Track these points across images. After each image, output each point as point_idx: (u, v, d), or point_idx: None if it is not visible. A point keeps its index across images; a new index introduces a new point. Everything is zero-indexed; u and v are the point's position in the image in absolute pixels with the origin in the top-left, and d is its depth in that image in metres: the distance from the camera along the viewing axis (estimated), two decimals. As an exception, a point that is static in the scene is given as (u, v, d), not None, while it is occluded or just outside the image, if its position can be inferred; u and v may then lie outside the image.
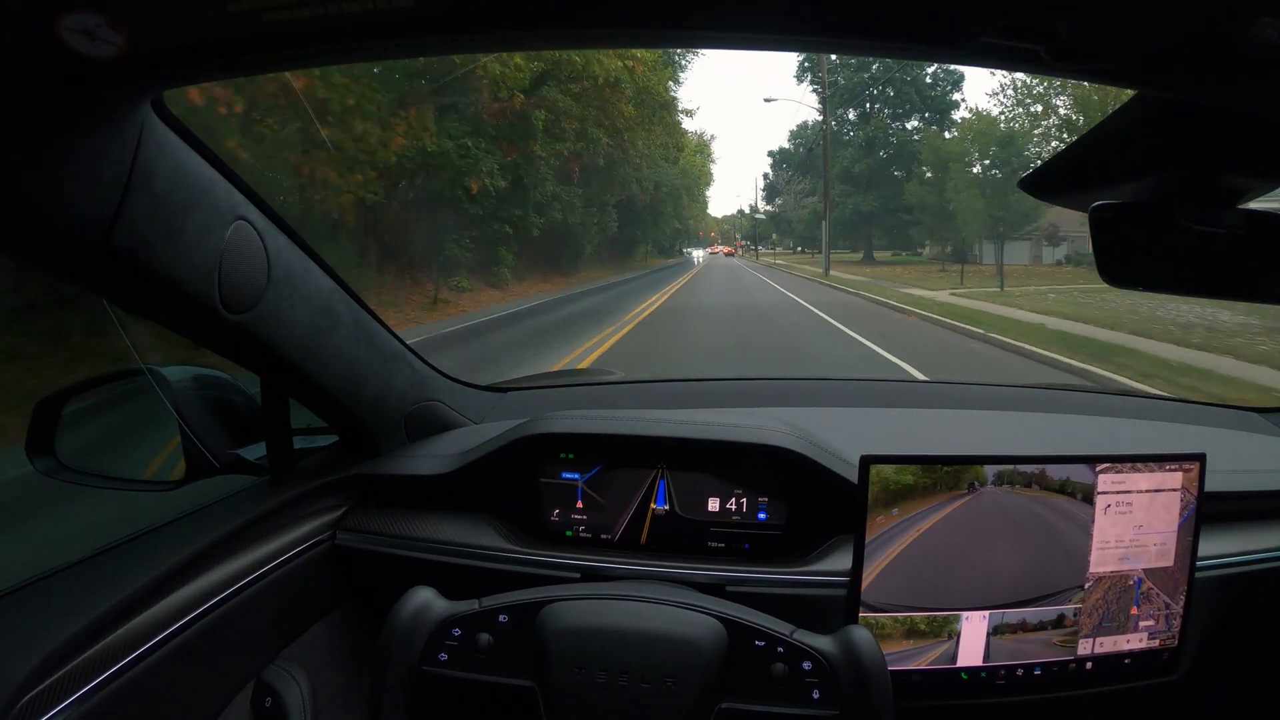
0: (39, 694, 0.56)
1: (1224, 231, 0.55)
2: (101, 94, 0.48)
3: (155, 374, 0.87)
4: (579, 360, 6.59)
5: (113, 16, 0.38)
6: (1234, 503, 0.93)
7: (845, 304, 12.46)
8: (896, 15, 0.39)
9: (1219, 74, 0.40)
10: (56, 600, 0.64)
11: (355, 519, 0.97)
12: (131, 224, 0.55)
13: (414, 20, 0.40)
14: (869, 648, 0.66)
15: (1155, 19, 0.36)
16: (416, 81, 11.09)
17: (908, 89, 31.67)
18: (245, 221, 0.68)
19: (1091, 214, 0.56)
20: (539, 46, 0.48)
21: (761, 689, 0.66)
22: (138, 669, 0.64)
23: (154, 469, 0.99)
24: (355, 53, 0.53)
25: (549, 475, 0.96)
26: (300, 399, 0.90)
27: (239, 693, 0.79)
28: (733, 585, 0.85)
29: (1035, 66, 0.42)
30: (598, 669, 0.66)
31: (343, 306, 0.86)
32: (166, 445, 0.92)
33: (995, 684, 0.81)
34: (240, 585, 0.77)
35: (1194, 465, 0.81)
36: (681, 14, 0.41)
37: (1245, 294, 0.58)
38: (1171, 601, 0.82)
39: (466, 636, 0.68)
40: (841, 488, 0.88)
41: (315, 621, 0.92)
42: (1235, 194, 0.55)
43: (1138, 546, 0.81)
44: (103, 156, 0.52)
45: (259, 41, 0.42)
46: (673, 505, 0.93)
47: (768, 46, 0.43)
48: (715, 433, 0.95)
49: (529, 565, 0.90)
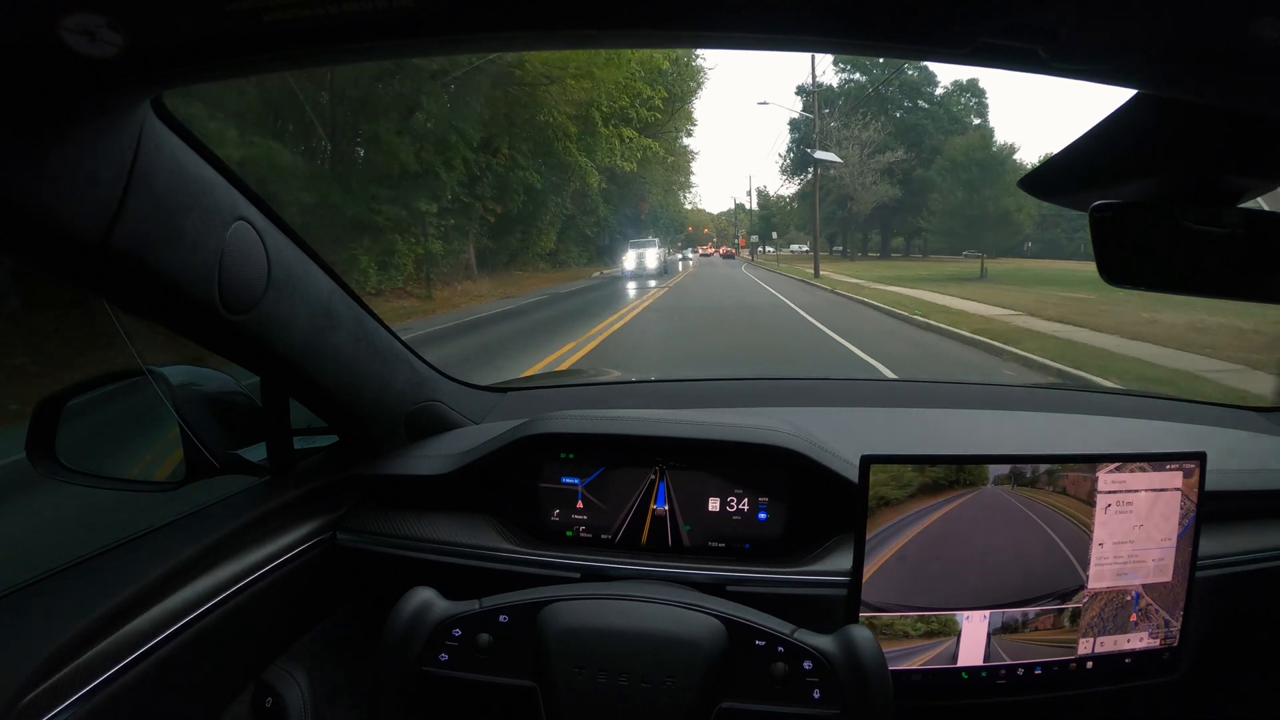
0: (39, 694, 0.56)
1: (1224, 231, 0.55)
2: (101, 94, 0.48)
3: (155, 374, 0.87)
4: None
5: (113, 16, 0.38)
6: (1234, 503, 0.93)
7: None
8: (896, 15, 0.39)
9: (1219, 74, 0.40)
10: (57, 601, 0.64)
11: (355, 519, 0.97)
12: (131, 224, 0.55)
13: (414, 20, 0.40)
14: (869, 647, 0.66)
15: (1155, 19, 0.36)
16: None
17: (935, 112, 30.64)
18: (245, 222, 0.68)
19: (1091, 214, 0.56)
20: (539, 46, 0.48)
21: (762, 689, 0.66)
22: (138, 670, 0.64)
23: (154, 469, 0.99)
24: (356, 53, 0.53)
25: (549, 475, 0.96)
26: (300, 399, 0.90)
27: (239, 693, 0.79)
28: (733, 585, 0.85)
29: (1035, 66, 0.42)
30: (598, 669, 0.66)
31: (343, 306, 0.86)
32: (167, 446, 0.93)
33: (995, 684, 0.81)
34: (240, 586, 0.77)
35: (1194, 465, 0.81)
36: (681, 14, 0.41)
37: (1245, 294, 0.58)
38: (1171, 619, 0.82)
39: (467, 637, 0.68)
40: (842, 487, 0.88)
41: (315, 622, 0.92)
42: (1235, 194, 0.55)
43: (1135, 561, 0.81)
44: (103, 156, 0.52)
45: (259, 41, 0.42)
46: (673, 505, 0.93)
47: (767, 47, 0.43)
48: (715, 432, 0.95)
49: (529, 565, 0.90)
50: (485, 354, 7.13)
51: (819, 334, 8.47)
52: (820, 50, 0.45)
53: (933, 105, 33.83)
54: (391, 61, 10.06)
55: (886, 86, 32.67)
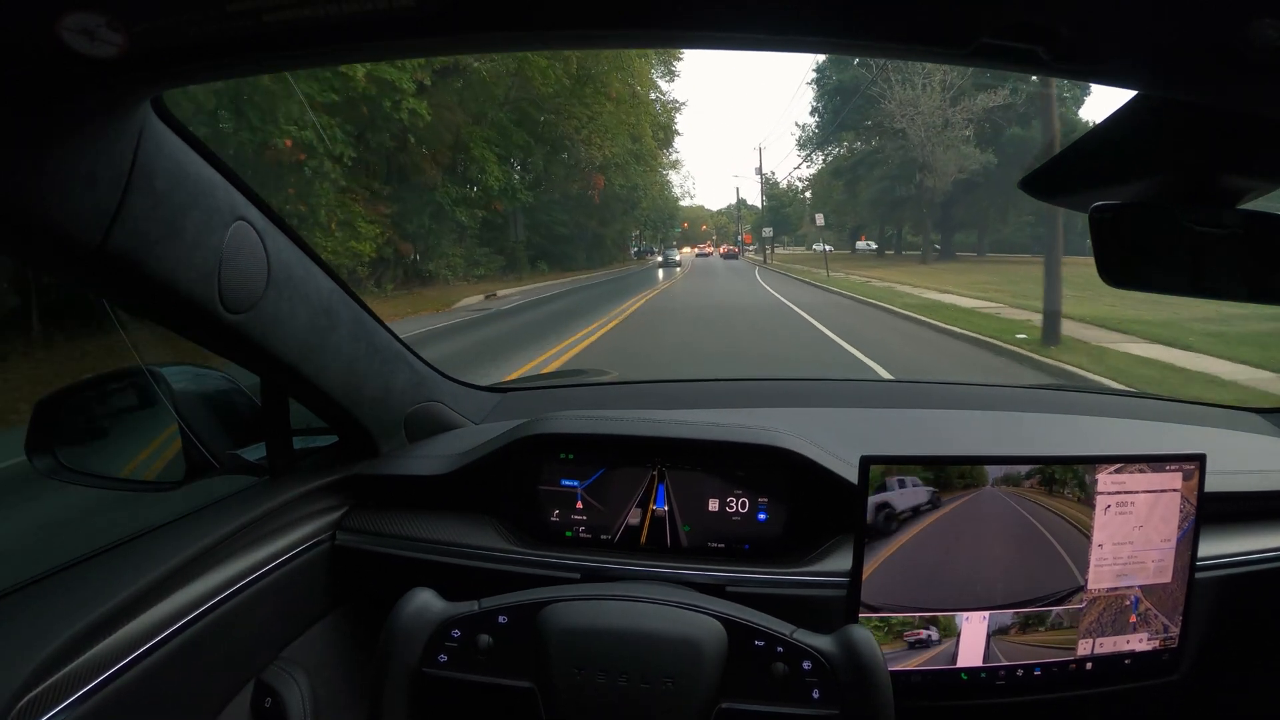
0: (39, 694, 0.56)
1: (1224, 231, 0.55)
2: (101, 94, 0.48)
3: (155, 374, 0.87)
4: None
5: (113, 16, 0.38)
6: (1234, 503, 0.93)
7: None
8: (896, 16, 0.39)
9: (1219, 74, 0.40)
10: (56, 600, 0.64)
11: (355, 519, 0.97)
12: (131, 224, 0.55)
13: (415, 20, 0.40)
14: (869, 647, 0.66)
15: (1155, 19, 0.36)
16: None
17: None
18: (245, 221, 0.68)
19: (1091, 214, 0.56)
20: (540, 46, 0.48)
21: (762, 689, 0.66)
22: (138, 669, 0.64)
23: (154, 469, 0.99)
24: (356, 53, 0.53)
25: (548, 476, 0.96)
26: (300, 399, 0.90)
27: (239, 693, 0.79)
28: (733, 585, 0.85)
29: (1035, 67, 0.42)
30: (598, 669, 0.66)
31: (342, 306, 0.86)
32: (166, 445, 0.93)
33: (995, 684, 0.81)
34: (240, 585, 0.77)
35: (1194, 466, 0.81)
36: (681, 14, 0.41)
37: (1245, 294, 0.58)
38: (1170, 620, 0.82)
39: (466, 637, 0.68)
40: (841, 488, 0.88)
41: (315, 622, 0.92)
42: (1235, 194, 0.55)
43: (1135, 563, 0.81)
44: (102, 156, 0.52)
45: (259, 41, 0.42)
46: (672, 506, 0.93)
47: (766, 47, 0.43)
48: (715, 433, 0.95)
49: (529, 566, 0.90)
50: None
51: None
52: (820, 50, 0.45)
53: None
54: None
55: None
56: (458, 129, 13.52)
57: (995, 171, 19.97)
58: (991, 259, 23.24)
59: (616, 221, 26.44)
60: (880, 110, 20.95)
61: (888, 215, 26.57)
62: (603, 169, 20.39)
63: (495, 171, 14.24)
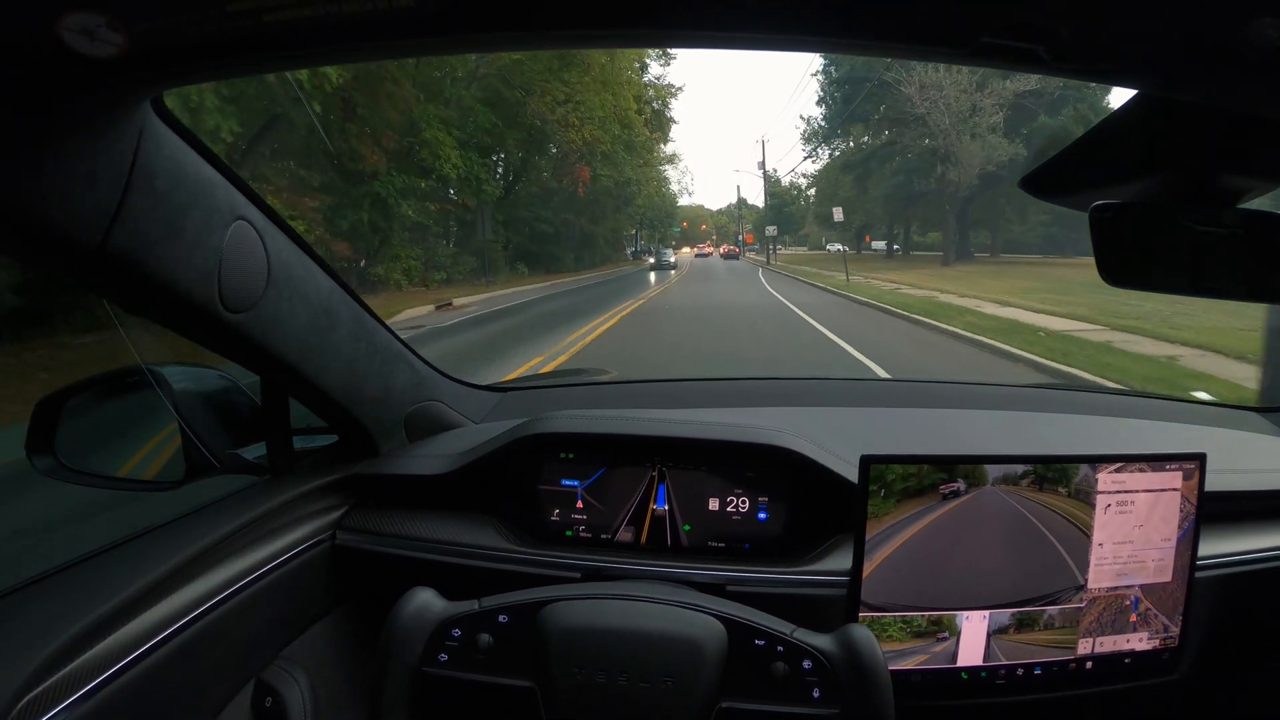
0: (39, 694, 0.56)
1: (1224, 231, 0.55)
2: (101, 94, 0.48)
3: (155, 374, 0.87)
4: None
5: (113, 16, 0.38)
6: (1234, 503, 0.93)
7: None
8: (896, 15, 0.39)
9: (1219, 74, 0.40)
10: (56, 600, 0.64)
11: (355, 519, 0.97)
12: (131, 223, 0.55)
13: (415, 20, 0.39)
14: (869, 647, 0.66)
15: (1156, 19, 0.36)
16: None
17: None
18: (245, 221, 0.68)
19: (1091, 214, 0.56)
20: (540, 46, 0.48)
21: (762, 688, 0.66)
22: (138, 669, 0.64)
23: (154, 469, 0.99)
24: (356, 53, 0.53)
25: (549, 475, 0.96)
26: (300, 399, 0.90)
27: (239, 693, 0.79)
28: (733, 585, 0.85)
29: (1035, 66, 0.42)
30: (598, 669, 0.66)
31: (343, 306, 0.86)
32: (166, 445, 0.93)
33: (995, 684, 0.81)
34: (240, 585, 0.77)
35: (1194, 465, 0.81)
36: (681, 14, 0.41)
37: (1245, 294, 0.58)
38: (1170, 623, 0.82)
39: (466, 637, 0.68)
40: (841, 487, 0.88)
41: (315, 621, 0.92)
42: (1235, 194, 0.55)
43: (1135, 562, 0.81)
44: (102, 156, 0.52)
45: (259, 41, 0.42)
46: (673, 505, 0.93)
47: (766, 47, 0.43)
48: (715, 432, 0.95)
49: (529, 565, 0.90)
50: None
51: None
52: (820, 50, 0.45)
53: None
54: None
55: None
56: (407, 105, 10.94)
57: (1021, 165, 17.99)
58: (1005, 260, 20.88)
59: (608, 219, 23.23)
60: (897, 96, 18.65)
61: (900, 212, 23.70)
62: (587, 158, 17.94)
63: (453, 158, 11.71)
